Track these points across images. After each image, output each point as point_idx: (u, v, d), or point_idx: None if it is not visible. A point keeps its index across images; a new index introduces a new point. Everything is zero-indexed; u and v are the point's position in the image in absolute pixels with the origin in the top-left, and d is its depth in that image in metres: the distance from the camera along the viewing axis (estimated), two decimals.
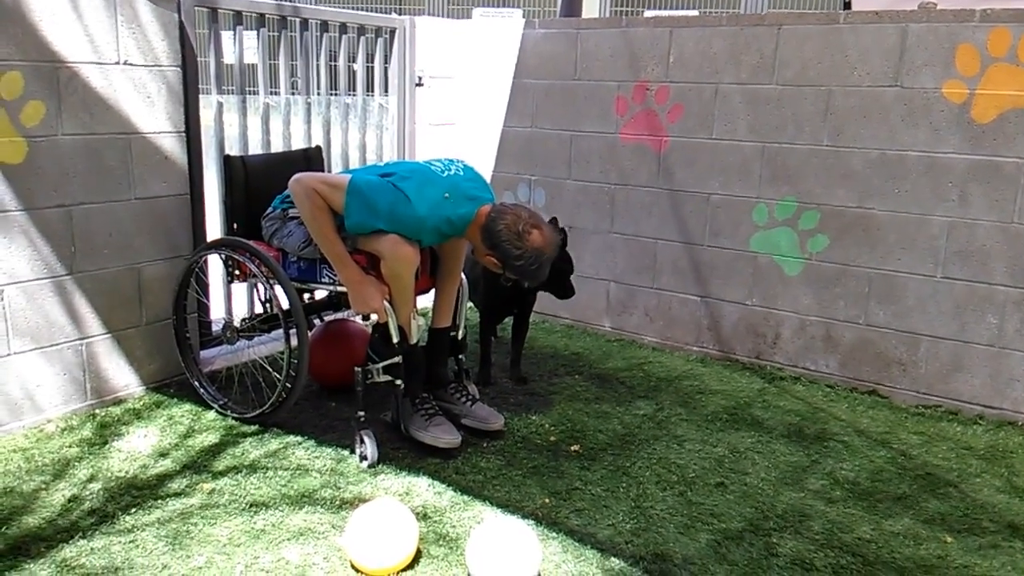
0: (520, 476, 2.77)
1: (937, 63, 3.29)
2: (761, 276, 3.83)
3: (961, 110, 3.28)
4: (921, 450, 3.09)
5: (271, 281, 2.96)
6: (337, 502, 2.56)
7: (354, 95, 4.22)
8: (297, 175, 2.80)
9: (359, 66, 4.19)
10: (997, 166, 3.24)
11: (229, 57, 3.84)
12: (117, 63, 3.04)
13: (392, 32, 4.30)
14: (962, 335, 3.39)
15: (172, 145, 3.27)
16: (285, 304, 2.93)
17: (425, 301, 3.23)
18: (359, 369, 2.84)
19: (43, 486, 2.59)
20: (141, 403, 3.20)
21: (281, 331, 2.96)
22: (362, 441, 2.81)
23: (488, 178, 4.04)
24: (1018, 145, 3.19)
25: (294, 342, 2.93)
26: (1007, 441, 3.18)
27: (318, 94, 4.01)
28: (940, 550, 2.43)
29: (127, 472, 2.69)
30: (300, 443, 2.94)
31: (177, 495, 2.56)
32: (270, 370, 3.17)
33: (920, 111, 3.36)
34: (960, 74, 3.26)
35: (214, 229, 3.52)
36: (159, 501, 2.52)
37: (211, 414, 3.13)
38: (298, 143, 3.87)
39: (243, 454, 2.84)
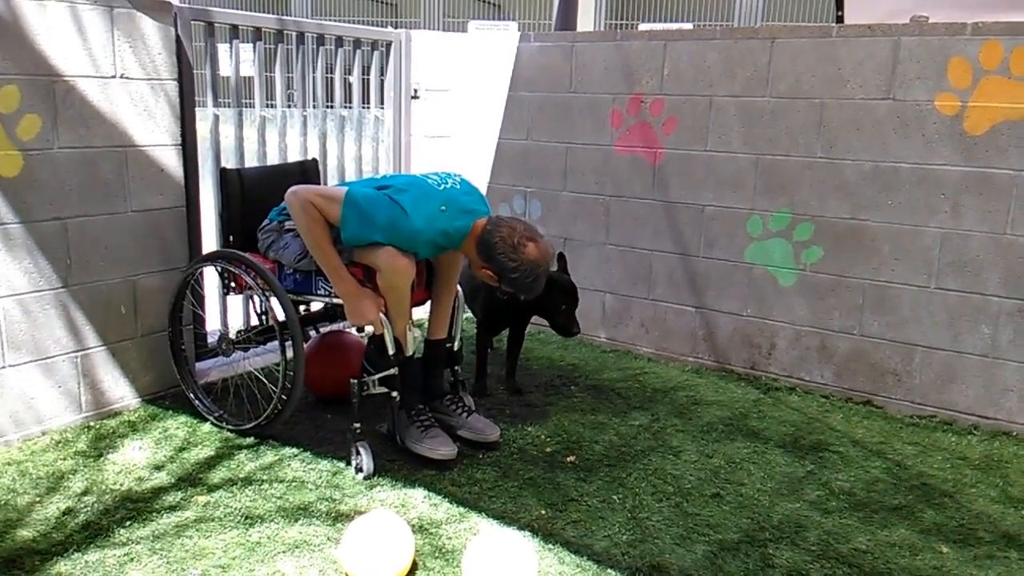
0: (516, 488, 2.77)
1: (929, 76, 3.32)
2: (756, 287, 3.84)
3: (953, 122, 3.30)
4: (916, 460, 3.09)
5: (267, 293, 2.96)
6: (333, 514, 2.56)
7: (350, 107, 4.24)
8: (293, 187, 2.81)
9: (355, 79, 4.21)
10: (989, 178, 3.26)
11: (225, 70, 3.86)
12: (114, 76, 3.05)
13: (388, 45, 4.32)
14: (956, 346, 3.41)
15: (168, 158, 3.28)
16: (281, 316, 2.93)
17: (421, 313, 3.24)
18: (355, 381, 2.84)
19: (37, 499, 2.58)
20: (136, 415, 3.19)
21: (277, 343, 2.96)
22: (358, 453, 2.81)
23: (484, 190, 4.05)
24: (1010, 157, 3.21)
25: (290, 354, 2.93)
26: (1002, 451, 3.18)
27: (314, 107, 4.02)
28: (936, 560, 2.44)
29: (122, 485, 2.68)
30: (296, 455, 2.93)
31: (172, 508, 2.56)
32: (266, 382, 3.17)
33: (913, 123, 3.38)
34: (952, 87, 3.28)
35: (210, 241, 3.53)
36: (154, 514, 2.52)
37: (207, 426, 3.12)
38: (294, 155, 3.88)
39: (238, 466, 2.83)
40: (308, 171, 3.50)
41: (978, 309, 3.34)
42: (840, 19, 5.11)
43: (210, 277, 3.39)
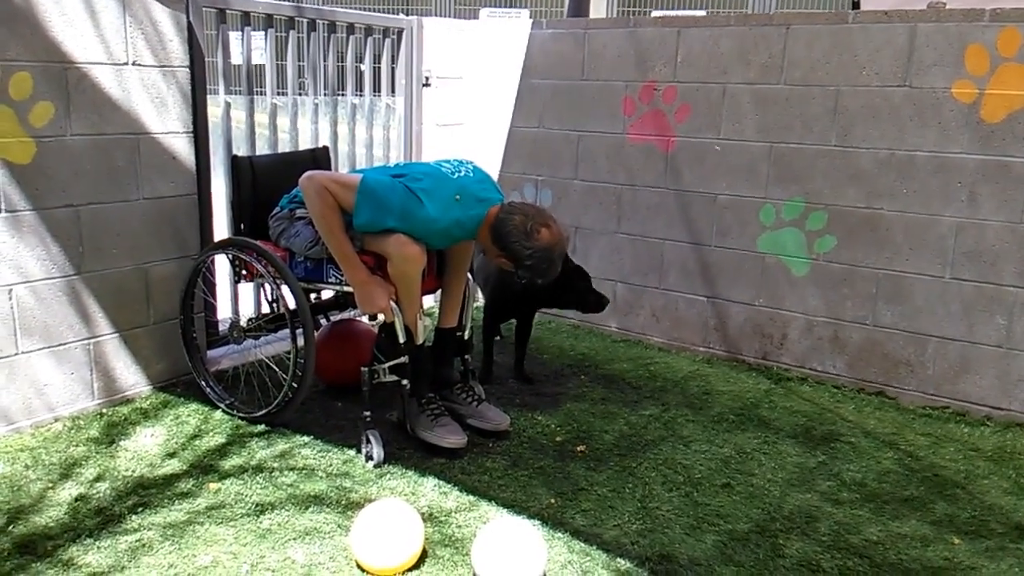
0: (526, 476, 2.77)
1: (946, 63, 3.28)
2: (768, 276, 3.82)
3: (970, 110, 3.26)
4: (928, 451, 3.07)
5: (278, 281, 2.96)
6: (343, 502, 2.56)
7: (361, 95, 4.22)
8: (308, 172, 2.81)
9: (366, 66, 4.19)
10: (1006, 166, 3.22)
11: (237, 57, 3.85)
12: (126, 63, 3.05)
13: (399, 32, 4.30)
14: (970, 336, 3.38)
15: (180, 145, 3.28)
16: (292, 304, 2.93)
17: (432, 301, 3.24)
18: (365, 369, 2.84)
19: (50, 485, 2.60)
20: (148, 403, 3.21)
21: (288, 331, 2.96)
22: (368, 441, 2.81)
23: (495, 178, 4.04)
24: None
25: (301, 342, 2.93)
26: (1015, 442, 3.16)
27: (325, 94, 4.01)
28: (948, 552, 2.42)
29: (134, 472, 2.70)
30: (306, 443, 2.94)
31: (184, 495, 2.57)
32: (277, 370, 3.17)
33: (929, 111, 3.34)
34: (969, 74, 3.24)
35: (221, 229, 3.53)
36: (166, 501, 2.53)
37: (218, 414, 3.13)
38: (305, 143, 3.88)
39: (250, 454, 2.85)
40: (319, 159, 3.50)
41: (993, 299, 3.31)
42: (856, 5, 5.06)
43: (221, 265, 3.40)
